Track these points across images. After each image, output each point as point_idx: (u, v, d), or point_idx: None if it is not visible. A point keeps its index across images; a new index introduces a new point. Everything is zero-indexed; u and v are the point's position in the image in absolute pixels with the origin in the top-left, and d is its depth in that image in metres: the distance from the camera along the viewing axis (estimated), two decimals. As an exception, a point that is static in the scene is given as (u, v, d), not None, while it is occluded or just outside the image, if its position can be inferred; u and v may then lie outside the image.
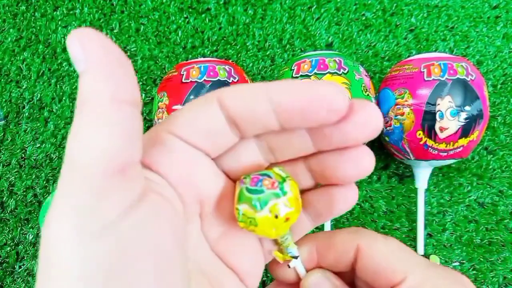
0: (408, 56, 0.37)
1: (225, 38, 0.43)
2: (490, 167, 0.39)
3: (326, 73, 0.32)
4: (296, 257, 0.19)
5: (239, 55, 0.42)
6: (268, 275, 0.37)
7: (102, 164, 0.12)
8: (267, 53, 0.42)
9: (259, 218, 0.17)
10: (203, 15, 0.43)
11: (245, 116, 0.16)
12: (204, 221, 0.18)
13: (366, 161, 0.16)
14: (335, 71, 0.32)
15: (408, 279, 0.17)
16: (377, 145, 0.39)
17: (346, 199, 0.18)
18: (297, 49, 0.42)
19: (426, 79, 0.32)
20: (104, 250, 0.12)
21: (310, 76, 0.32)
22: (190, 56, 0.42)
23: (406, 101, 0.32)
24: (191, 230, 0.17)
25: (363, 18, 0.43)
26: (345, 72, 0.32)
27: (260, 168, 0.18)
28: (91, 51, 0.12)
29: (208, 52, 0.42)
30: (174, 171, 0.16)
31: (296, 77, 0.32)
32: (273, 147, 0.18)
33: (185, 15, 0.43)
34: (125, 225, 0.12)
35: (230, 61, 0.42)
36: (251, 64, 0.42)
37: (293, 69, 0.33)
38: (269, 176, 0.17)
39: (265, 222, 0.17)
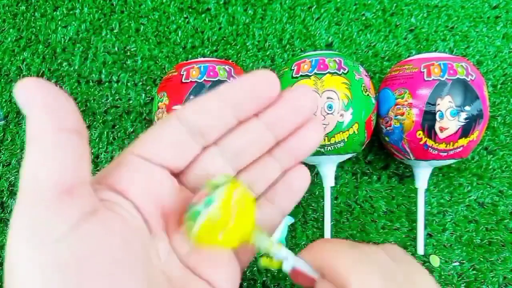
0: (408, 56, 0.37)
1: (225, 38, 0.43)
2: (490, 167, 0.39)
3: (326, 73, 0.32)
4: (286, 258, 0.19)
5: (239, 55, 0.42)
6: (268, 275, 0.37)
7: (49, 187, 0.14)
8: (267, 53, 0.42)
9: (196, 233, 0.17)
10: (203, 15, 0.43)
11: (204, 121, 0.19)
12: (173, 236, 0.19)
13: (317, 133, 0.21)
14: (335, 71, 0.32)
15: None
16: (377, 145, 0.39)
17: (301, 174, 0.21)
18: (297, 49, 0.42)
19: (426, 79, 0.32)
20: (58, 258, 0.14)
21: (310, 76, 0.32)
22: (190, 56, 0.42)
23: (406, 101, 0.32)
24: (158, 244, 0.18)
25: (363, 18, 0.43)
26: (345, 72, 0.32)
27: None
28: (33, 97, 0.14)
29: (208, 52, 0.42)
30: (133, 189, 0.18)
31: (296, 77, 0.32)
32: (237, 151, 0.20)
33: (185, 15, 0.43)
34: (75, 237, 0.14)
35: (230, 61, 0.42)
36: (251, 64, 0.42)
37: (293, 69, 0.33)
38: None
39: (203, 235, 0.17)
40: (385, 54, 0.42)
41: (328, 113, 0.31)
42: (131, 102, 0.41)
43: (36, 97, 0.14)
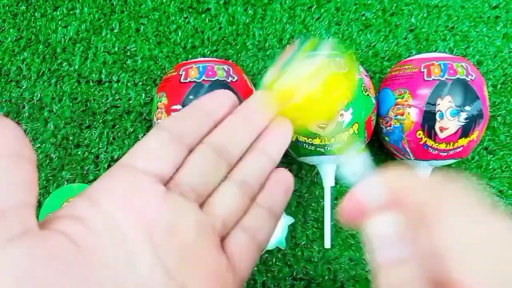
0: (408, 56, 0.37)
1: (225, 38, 0.43)
2: (490, 167, 0.39)
3: (326, 73, 0.32)
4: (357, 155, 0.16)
5: (239, 55, 0.42)
6: (268, 274, 0.37)
7: None
8: (267, 53, 0.42)
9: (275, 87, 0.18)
10: (203, 15, 0.43)
11: (185, 125, 0.21)
12: (159, 248, 0.18)
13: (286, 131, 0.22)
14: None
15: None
16: (377, 145, 0.39)
17: (283, 175, 0.23)
18: (297, 49, 0.42)
19: (426, 79, 0.32)
20: None
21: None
22: (190, 56, 0.42)
23: (406, 101, 0.32)
24: (136, 257, 0.17)
25: (363, 18, 0.43)
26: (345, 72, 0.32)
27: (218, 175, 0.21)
28: None
29: (208, 52, 0.42)
30: (109, 200, 0.17)
31: (296, 77, 0.32)
32: (224, 144, 0.21)
33: (185, 15, 0.43)
34: (2, 257, 0.14)
35: (230, 61, 0.42)
36: (251, 64, 0.42)
37: (293, 69, 0.33)
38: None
39: (283, 94, 0.18)
40: (385, 54, 0.42)
41: (328, 113, 0.31)
42: (131, 102, 0.41)
43: None
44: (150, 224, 0.18)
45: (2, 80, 0.42)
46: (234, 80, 0.33)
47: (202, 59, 0.34)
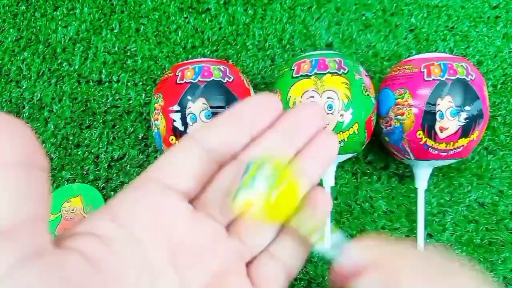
0: (408, 56, 0.37)
1: (225, 38, 0.43)
2: (490, 167, 0.39)
3: (326, 73, 0.32)
4: (338, 243, 0.19)
5: (239, 55, 0.42)
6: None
7: None
8: (267, 53, 0.42)
9: (238, 207, 0.17)
10: (203, 15, 0.43)
11: (219, 138, 0.19)
12: (183, 272, 0.17)
13: (332, 140, 0.21)
14: (335, 71, 0.32)
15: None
16: (377, 145, 0.39)
17: (321, 198, 0.20)
18: (297, 49, 0.42)
19: (426, 79, 0.32)
20: None
21: (310, 76, 0.32)
22: (190, 56, 0.42)
23: (406, 101, 0.32)
24: (162, 282, 0.16)
25: (363, 18, 0.43)
26: (345, 72, 0.32)
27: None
28: None
29: (208, 52, 0.42)
30: (135, 218, 0.16)
31: (296, 77, 0.32)
32: None
33: (185, 15, 0.43)
34: (11, 281, 0.12)
35: (230, 61, 0.42)
36: (251, 64, 0.42)
37: (293, 69, 0.33)
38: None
39: (247, 209, 0.17)
40: (385, 54, 0.42)
41: (328, 113, 0.31)
42: (131, 102, 0.41)
43: None
44: (176, 246, 0.17)
45: (2, 80, 0.42)
46: (231, 80, 0.32)
47: (198, 59, 0.34)
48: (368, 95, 0.33)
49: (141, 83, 0.42)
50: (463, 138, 0.32)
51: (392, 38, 0.42)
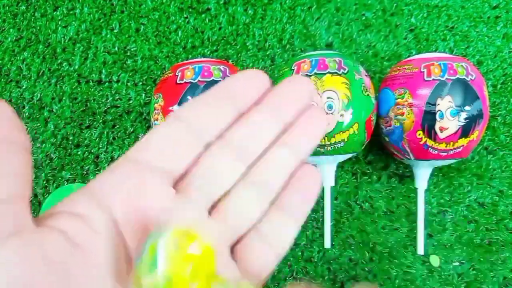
0: (408, 56, 0.37)
1: (225, 38, 0.43)
2: (490, 167, 0.39)
3: (326, 73, 0.32)
4: None
5: (239, 55, 0.42)
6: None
7: None
8: (267, 53, 0.42)
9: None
10: (203, 15, 0.43)
11: (204, 116, 0.18)
12: None
13: (320, 118, 0.20)
14: (335, 71, 0.32)
15: None
16: (377, 145, 0.39)
17: (311, 174, 0.19)
18: (297, 49, 0.42)
19: (426, 79, 0.32)
20: None
21: (310, 76, 0.32)
22: (190, 56, 0.42)
23: (406, 101, 0.32)
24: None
25: (363, 18, 0.43)
26: (345, 72, 0.32)
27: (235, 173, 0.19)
28: None
29: (208, 52, 0.42)
30: (115, 199, 0.16)
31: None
32: (242, 141, 0.19)
33: (185, 15, 0.43)
34: None
35: (230, 61, 0.42)
36: (251, 64, 0.42)
37: (293, 69, 0.33)
38: None
39: None
40: (385, 54, 0.42)
41: (328, 113, 0.31)
42: (131, 102, 0.41)
43: None
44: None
45: (2, 80, 0.42)
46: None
47: (198, 59, 0.34)
48: (368, 95, 0.33)
49: (141, 83, 0.42)
50: (463, 138, 0.32)
51: (392, 38, 0.42)
